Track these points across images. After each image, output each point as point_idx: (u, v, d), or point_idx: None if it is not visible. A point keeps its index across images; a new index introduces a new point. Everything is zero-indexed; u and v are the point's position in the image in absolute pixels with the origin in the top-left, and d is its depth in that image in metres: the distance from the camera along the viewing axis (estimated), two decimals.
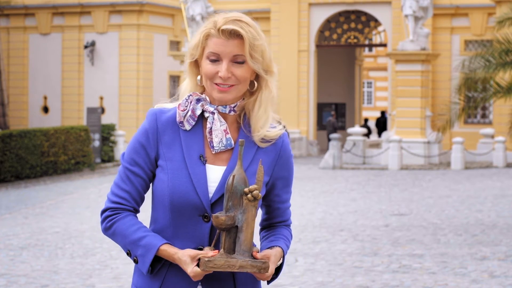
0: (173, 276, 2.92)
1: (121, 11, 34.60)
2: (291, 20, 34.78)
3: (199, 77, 2.98)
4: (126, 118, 34.18)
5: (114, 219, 2.95)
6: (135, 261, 2.93)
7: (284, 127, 3.05)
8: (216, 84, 2.90)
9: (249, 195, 2.80)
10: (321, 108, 38.69)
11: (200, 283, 2.93)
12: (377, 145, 33.14)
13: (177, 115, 2.95)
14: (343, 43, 36.24)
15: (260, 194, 2.81)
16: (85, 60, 35.17)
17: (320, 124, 38.17)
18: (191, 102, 2.94)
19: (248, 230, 2.81)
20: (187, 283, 2.92)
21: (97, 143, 29.69)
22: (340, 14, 35.47)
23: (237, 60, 2.90)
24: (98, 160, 29.54)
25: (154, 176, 2.98)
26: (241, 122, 2.98)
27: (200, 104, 2.95)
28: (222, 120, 2.94)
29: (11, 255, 11.72)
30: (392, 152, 28.07)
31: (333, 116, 37.18)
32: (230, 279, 2.95)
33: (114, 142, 31.10)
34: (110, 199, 2.97)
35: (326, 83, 38.71)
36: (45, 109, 35.88)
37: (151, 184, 3.00)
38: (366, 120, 42.81)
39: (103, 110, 34.19)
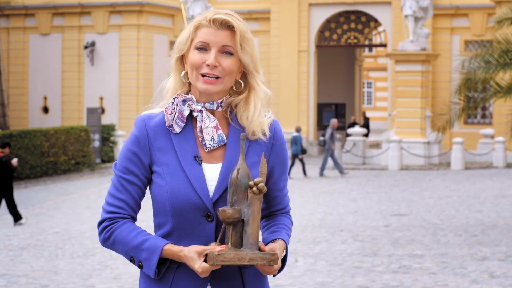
0: (181, 279, 2.89)
1: (121, 12, 34.59)
2: (291, 20, 34.77)
3: (183, 73, 2.95)
4: (126, 118, 34.16)
5: (112, 228, 2.91)
6: (140, 266, 2.89)
7: (272, 114, 3.00)
8: (202, 75, 2.88)
9: (254, 188, 2.78)
10: (321, 108, 38.66)
11: (209, 283, 2.90)
12: (377, 145, 33.13)
13: (166, 119, 2.92)
14: (343, 44, 36.24)
15: (265, 187, 2.79)
16: (85, 60, 35.16)
17: (320, 124, 38.14)
18: (177, 104, 2.91)
19: (254, 223, 2.79)
20: (195, 284, 2.89)
21: (97, 144, 29.68)
22: (340, 14, 35.47)
23: (226, 51, 2.88)
24: (98, 160, 29.53)
25: (148, 182, 2.95)
26: (229, 118, 2.95)
27: (186, 104, 2.92)
28: (212, 116, 2.92)
29: (11, 255, 11.72)
30: (392, 152, 28.07)
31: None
32: (238, 277, 2.92)
33: (114, 143, 31.09)
34: (105, 209, 2.93)
35: (326, 84, 38.69)
36: (45, 109, 35.86)
37: (149, 191, 2.97)
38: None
39: (103, 111, 34.18)
